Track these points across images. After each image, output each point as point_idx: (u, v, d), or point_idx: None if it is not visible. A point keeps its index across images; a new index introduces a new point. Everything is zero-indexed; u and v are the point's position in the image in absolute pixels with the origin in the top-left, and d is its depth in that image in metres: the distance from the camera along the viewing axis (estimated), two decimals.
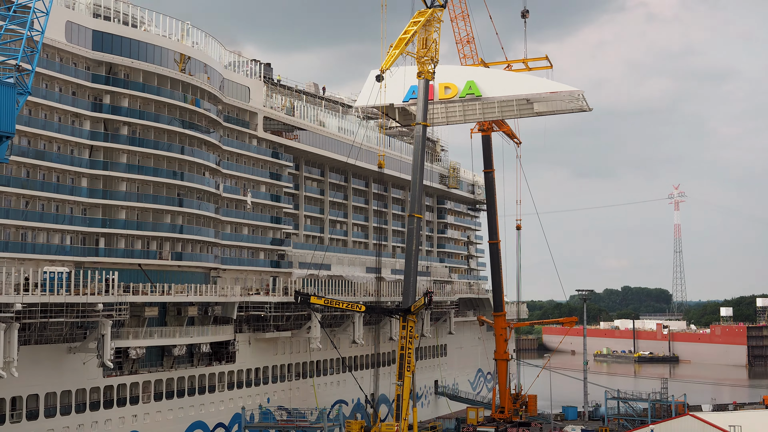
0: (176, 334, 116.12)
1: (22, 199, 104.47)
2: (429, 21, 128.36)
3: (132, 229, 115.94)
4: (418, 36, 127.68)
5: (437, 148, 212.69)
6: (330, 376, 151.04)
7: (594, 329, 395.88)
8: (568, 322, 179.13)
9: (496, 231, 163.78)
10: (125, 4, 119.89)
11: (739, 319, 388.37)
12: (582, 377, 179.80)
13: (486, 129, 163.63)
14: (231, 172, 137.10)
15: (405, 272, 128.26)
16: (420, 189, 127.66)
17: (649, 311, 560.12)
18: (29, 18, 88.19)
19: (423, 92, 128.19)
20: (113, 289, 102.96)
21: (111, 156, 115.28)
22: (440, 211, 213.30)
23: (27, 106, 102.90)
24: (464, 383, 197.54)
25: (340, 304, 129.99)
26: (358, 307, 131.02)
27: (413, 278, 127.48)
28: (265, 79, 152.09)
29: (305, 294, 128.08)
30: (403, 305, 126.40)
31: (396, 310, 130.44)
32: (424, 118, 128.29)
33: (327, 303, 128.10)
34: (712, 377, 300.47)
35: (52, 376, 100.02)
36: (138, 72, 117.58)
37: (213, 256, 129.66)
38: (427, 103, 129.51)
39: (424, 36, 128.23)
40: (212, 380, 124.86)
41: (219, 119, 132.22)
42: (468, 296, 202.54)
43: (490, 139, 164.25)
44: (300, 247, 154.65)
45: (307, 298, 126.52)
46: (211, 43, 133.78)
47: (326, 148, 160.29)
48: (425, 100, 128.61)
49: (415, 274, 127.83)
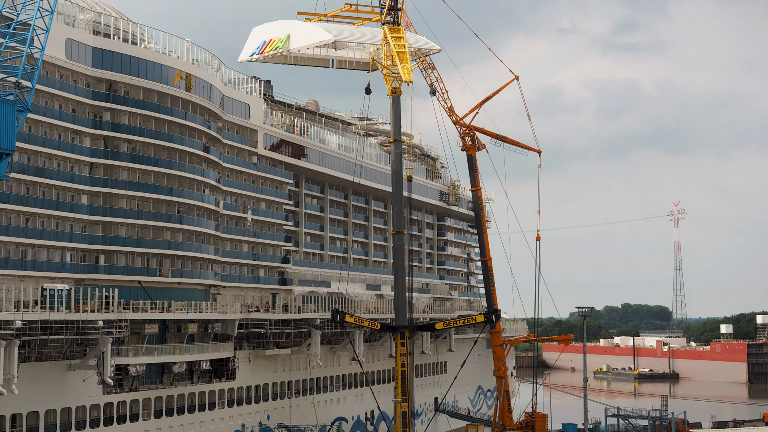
0: (176, 352, 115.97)
1: (22, 216, 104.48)
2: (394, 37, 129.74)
3: (132, 246, 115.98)
4: (384, 51, 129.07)
5: (437, 166, 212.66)
6: (330, 393, 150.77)
7: (594, 346, 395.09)
8: (563, 340, 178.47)
9: (485, 249, 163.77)
10: (125, 22, 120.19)
11: (739, 336, 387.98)
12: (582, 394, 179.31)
13: (470, 148, 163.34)
14: (231, 189, 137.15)
15: (396, 289, 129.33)
16: (401, 205, 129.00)
17: (649, 328, 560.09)
18: (29, 35, 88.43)
19: (395, 108, 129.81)
20: (113, 306, 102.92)
21: (111, 173, 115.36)
22: (440, 228, 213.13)
23: (27, 123, 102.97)
24: (464, 400, 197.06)
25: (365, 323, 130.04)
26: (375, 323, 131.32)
27: (405, 294, 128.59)
28: (265, 97, 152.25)
29: (341, 312, 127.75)
30: (399, 322, 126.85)
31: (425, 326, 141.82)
32: (398, 135, 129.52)
33: (357, 322, 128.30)
34: (713, 394, 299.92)
35: (52, 393, 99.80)
36: (138, 89, 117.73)
37: (213, 273, 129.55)
38: (399, 120, 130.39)
39: (390, 52, 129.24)
40: (212, 397, 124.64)
41: (219, 136, 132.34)
42: (468, 313, 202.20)
43: (473, 158, 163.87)
44: (300, 264, 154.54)
45: (343, 317, 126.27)
46: (212, 60, 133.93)
47: (326, 165, 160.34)
48: (397, 117, 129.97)
49: (405, 290, 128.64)
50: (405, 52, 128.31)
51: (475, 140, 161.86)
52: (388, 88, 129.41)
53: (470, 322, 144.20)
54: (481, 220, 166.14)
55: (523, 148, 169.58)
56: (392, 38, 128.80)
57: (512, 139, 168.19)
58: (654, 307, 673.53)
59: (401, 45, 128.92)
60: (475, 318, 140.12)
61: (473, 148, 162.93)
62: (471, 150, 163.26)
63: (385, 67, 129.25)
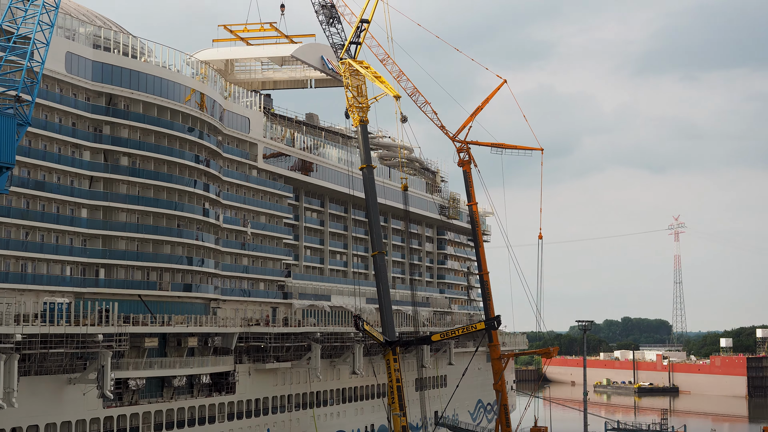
0: (176, 365, 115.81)
1: (22, 229, 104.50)
2: (355, 71, 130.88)
3: (132, 259, 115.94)
4: (351, 84, 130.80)
5: (437, 179, 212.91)
6: (330, 406, 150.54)
7: (594, 360, 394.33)
8: (543, 353, 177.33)
9: (482, 264, 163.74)
10: (125, 35, 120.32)
11: (739, 350, 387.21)
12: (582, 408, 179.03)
13: (465, 164, 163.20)
14: (231, 202, 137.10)
15: (380, 307, 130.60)
16: (377, 227, 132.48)
17: (649, 342, 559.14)
18: (29, 49, 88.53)
19: (363, 136, 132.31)
20: (113, 320, 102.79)
21: (111, 186, 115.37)
22: (440, 242, 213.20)
23: (27, 136, 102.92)
24: (464, 414, 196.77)
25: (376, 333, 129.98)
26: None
27: (390, 312, 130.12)
28: (265, 110, 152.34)
29: (362, 319, 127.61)
30: (389, 337, 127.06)
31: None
32: (367, 161, 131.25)
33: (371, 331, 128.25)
34: (712, 408, 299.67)
35: (52, 406, 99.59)
36: (138, 103, 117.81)
37: (213, 287, 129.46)
38: (368, 147, 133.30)
39: (356, 84, 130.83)
40: (212, 411, 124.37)
41: (219, 150, 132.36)
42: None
43: (469, 173, 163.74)
44: (300, 277, 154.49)
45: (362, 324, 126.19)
46: (211, 73, 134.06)
47: (326, 178, 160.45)
48: (366, 144, 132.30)
49: (390, 307, 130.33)
50: (379, 75, 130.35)
51: (471, 155, 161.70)
52: (355, 120, 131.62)
53: (470, 331, 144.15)
54: (477, 235, 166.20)
55: (524, 150, 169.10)
56: (362, 68, 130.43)
57: (511, 144, 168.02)
58: (654, 321, 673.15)
59: (373, 70, 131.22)
60: (476, 326, 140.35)
61: (468, 163, 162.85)
62: (466, 166, 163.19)
63: (348, 99, 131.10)
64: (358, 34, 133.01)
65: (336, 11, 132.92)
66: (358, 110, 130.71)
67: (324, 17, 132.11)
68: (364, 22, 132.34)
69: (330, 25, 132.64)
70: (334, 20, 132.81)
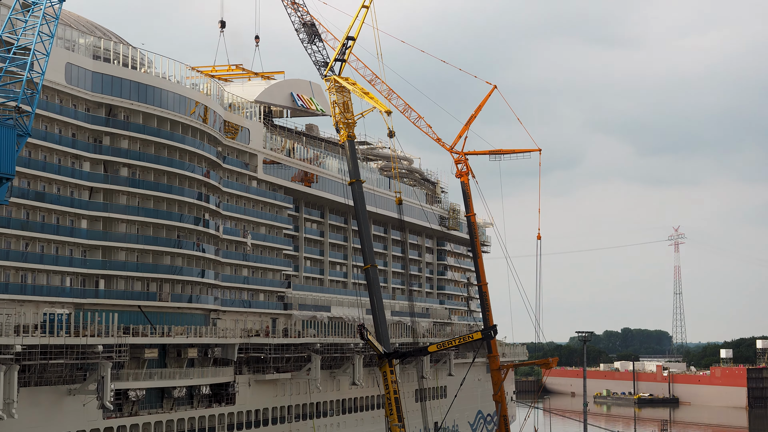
0: (176, 376, 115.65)
1: (22, 240, 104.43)
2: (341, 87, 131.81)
3: (131, 270, 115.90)
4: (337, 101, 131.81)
5: (437, 190, 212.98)
6: (330, 417, 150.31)
7: (594, 371, 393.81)
8: (543, 364, 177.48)
9: (481, 274, 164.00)
10: (125, 46, 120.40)
11: (739, 360, 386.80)
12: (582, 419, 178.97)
13: (462, 175, 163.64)
14: (231, 213, 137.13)
15: (374, 319, 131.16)
16: (369, 241, 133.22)
17: (649, 353, 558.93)
18: (29, 60, 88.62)
19: (351, 152, 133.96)
20: (113, 331, 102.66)
21: (110, 197, 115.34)
22: (440, 252, 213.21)
23: (27, 147, 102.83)
24: (464, 425, 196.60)
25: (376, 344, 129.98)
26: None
27: (384, 325, 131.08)
28: (265, 121, 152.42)
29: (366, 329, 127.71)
30: (385, 349, 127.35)
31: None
32: (356, 176, 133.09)
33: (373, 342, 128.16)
34: (713, 419, 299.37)
35: (52, 417, 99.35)
36: (138, 113, 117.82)
37: (213, 298, 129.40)
38: (357, 162, 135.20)
39: (342, 100, 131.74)
40: (212, 422, 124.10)
41: (219, 161, 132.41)
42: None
43: (466, 184, 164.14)
44: (300, 288, 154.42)
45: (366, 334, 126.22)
46: (211, 84, 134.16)
47: (326, 189, 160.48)
48: (354, 159, 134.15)
49: (384, 320, 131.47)
50: (367, 92, 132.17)
51: (468, 166, 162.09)
52: (342, 136, 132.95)
53: (467, 341, 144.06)
54: (475, 246, 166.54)
55: (521, 153, 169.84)
56: (348, 84, 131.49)
57: (508, 149, 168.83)
58: (654, 332, 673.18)
59: (360, 87, 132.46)
60: (473, 336, 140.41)
61: (465, 174, 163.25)
62: (464, 177, 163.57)
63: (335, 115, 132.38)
64: (344, 51, 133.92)
65: (316, 29, 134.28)
66: (345, 126, 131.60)
67: (305, 35, 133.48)
68: (350, 39, 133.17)
69: (311, 43, 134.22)
70: (315, 38, 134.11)
